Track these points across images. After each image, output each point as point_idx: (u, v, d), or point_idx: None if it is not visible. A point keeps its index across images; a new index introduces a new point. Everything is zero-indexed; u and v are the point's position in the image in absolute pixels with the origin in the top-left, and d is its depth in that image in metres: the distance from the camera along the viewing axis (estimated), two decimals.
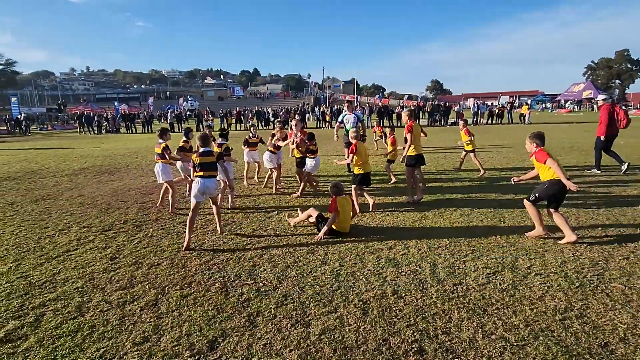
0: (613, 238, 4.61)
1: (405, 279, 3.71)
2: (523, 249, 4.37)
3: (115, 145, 18.34)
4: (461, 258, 4.16)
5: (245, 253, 4.47)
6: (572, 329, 2.85)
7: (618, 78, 71.75)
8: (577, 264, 3.94)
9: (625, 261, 3.96)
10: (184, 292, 3.56)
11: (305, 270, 3.98)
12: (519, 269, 3.86)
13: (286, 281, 3.74)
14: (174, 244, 4.78)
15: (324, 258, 4.27)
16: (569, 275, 3.70)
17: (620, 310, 3.08)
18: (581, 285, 3.49)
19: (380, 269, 3.94)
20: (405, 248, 4.48)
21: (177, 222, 5.67)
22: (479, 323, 2.96)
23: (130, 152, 14.98)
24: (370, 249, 4.48)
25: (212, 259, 4.33)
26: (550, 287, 3.48)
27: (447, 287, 3.53)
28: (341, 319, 3.07)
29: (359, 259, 4.21)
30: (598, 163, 8.73)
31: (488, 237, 4.74)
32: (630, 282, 3.52)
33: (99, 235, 5.18)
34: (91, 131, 29.62)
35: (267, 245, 4.71)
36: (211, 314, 3.19)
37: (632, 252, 4.17)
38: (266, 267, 4.07)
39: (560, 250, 4.30)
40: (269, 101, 77.95)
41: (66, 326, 3.06)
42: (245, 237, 4.99)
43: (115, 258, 4.40)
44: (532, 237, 4.67)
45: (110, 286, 3.72)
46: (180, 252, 4.53)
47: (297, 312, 3.19)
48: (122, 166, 11.41)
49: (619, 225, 5.05)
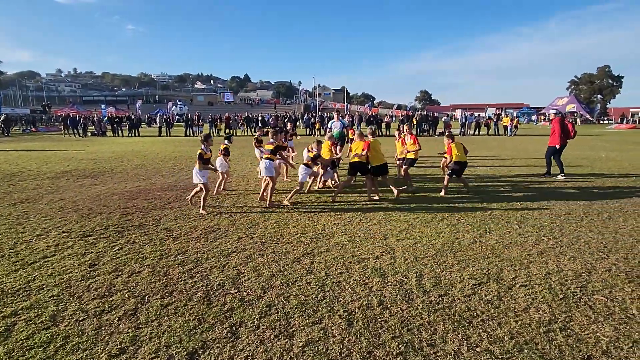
0: (595, 250, 4.67)
1: (391, 290, 3.67)
2: (508, 259, 4.39)
3: (100, 149, 18.00)
4: (447, 268, 4.15)
5: (230, 261, 4.38)
6: (556, 342, 2.85)
7: (600, 93, 73.89)
8: (561, 275, 3.97)
9: (607, 273, 4.01)
10: (164, 301, 3.45)
11: (290, 279, 3.92)
12: (504, 280, 3.87)
13: (271, 290, 3.67)
14: (156, 251, 4.67)
15: (310, 267, 4.21)
16: (553, 287, 3.72)
17: (603, 322, 3.10)
18: (565, 297, 3.51)
19: (366, 279, 3.90)
20: (392, 258, 4.46)
21: (160, 229, 5.55)
22: (464, 335, 2.93)
23: (115, 156, 14.71)
24: (356, 259, 4.44)
25: (195, 266, 4.23)
26: (535, 298, 3.49)
27: (432, 298, 3.51)
28: (325, 330, 3.01)
29: (345, 269, 4.16)
30: (561, 167, 9.86)
31: (474, 248, 4.76)
32: (612, 295, 3.56)
33: (78, 241, 5.03)
34: (76, 134, 29.04)
35: (252, 253, 4.63)
36: (192, 324, 3.10)
37: (614, 265, 4.22)
38: (251, 276, 3.99)
39: (545, 261, 4.33)
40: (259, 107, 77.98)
41: (38, 337, 2.92)
42: (230, 245, 4.90)
43: (94, 265, 4.27)
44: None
45: (87, 294, 3.59)
46: (162, 260, 4.42)
47: (280, 322, 3.12)
48: (107, 170, 11.18)
49: (601, 236, 5.13)
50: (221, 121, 30.80)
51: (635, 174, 10.05)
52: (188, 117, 31.92)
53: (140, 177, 9.86)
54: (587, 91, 73.91)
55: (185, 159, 13.82)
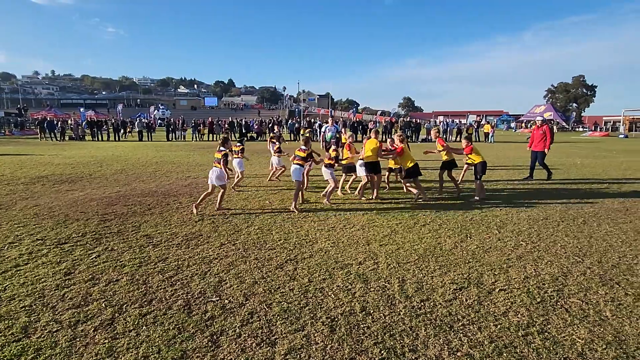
0: (571, 254, 4.80)
1: (374, 295, 3.69)
2: (488, 264, 4.47)
3: (78, 153, 17.52)
4: (429, 273, 4.20)
5: (212, 268, 4.31)
6: (534, 345, 2.91)
7: (575, 102, 76.55)
8: (539, 279, 4.07)
9: (582, 277, 4.13)
10: (143, 310, 3.37)
11: (273, 286, 3.88)
12: (484, 285, 3.93)
13: (253, 298, 3.63)
14: (135, 259, 4.55)
15: (293, 274, 4.19)
16: (531, 290, 3.80)
17: (579, 325, 3.19)
18: (542, 301, 3.60)
19: (349, 285, 3.91)
20: (375, 263, 4.48)
21: (140, 235, 5.42)
22: (445, 340, 2.96)
23: (94, 161, 14.34)
24: (340, 265, 4.44)
25: (176, 274, 4.15)
26: (514, 302, 3.57)
27: (415, 303, 3.54)
28: (308, 338, 2.99)
29: (329, 275, 4.16)
30: (549, 172, 10.57)
31: (455, 253, 4.83)
32: (587, 298, 3.67)
33: (53, 249, 4.86)
34: (53, 137, 28.21)
35: (234, 259, 4.57)
36: (171, 333, 3.03)
37: (589, 268, 4.36)
38: (233, 283, 3.93)
39: (523, 266, 4.43)
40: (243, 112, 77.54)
41: (8, 349, 2.80)
42: (212, 252, 4.83)
43: (70, 273, 4.13)
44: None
45: (62, 304, 3.47)
46: (141, 267, 4.31)
47: (263, 330, 3.09)
48: (85, 175, 10.88)
49: (577, 241, 5.28)
50: (204, 126, 30.43)
51: (609, 180, 10.43)
52: (170, 122, 31.44)
53: (120, 183, 9.64)
54: (563, 100, 76.45)
55: (167, 164, 13.59)
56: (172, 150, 19.57)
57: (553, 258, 4.68)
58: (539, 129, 10.85)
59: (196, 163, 13.83)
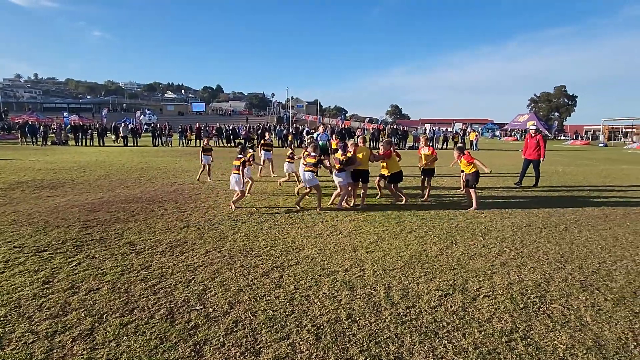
0: (553, 260, 4.89)
1: (360, 302, 3.68)
2: (473, 270, 4.52)
3: (61, 158, 17.14)
4: (415, 280, 4.22)
5: (196, 276, 4.25)
6: (517, 351, 2.94)
7: (557, 111, 78.65)
8: (522, 285, 4.12)
9: (564, 283, 4.21)
10: (124, 320, 3.29)
11: (258, 294, 3.84)
12: (469, 291, 3.97)
13: (238, 306, 3.58)
14: (117, 266, 4.45)
15: (279, 281, 4.16)
16: (514, 296, 3.85)
17: (560, 330, 3.24)
18: (525, 307, 3.65)
19: (335, 292, 3.89)
20: (361, 270, 4.48)
21: (123, 243, 5.31)
22: (430, 347, 2.97)
23: (77, 166, 14.04)
24: (326, 272, 4.42)
25: (159, 282, 4.07)
26: (498, 308, 3.60)
27: (400, 310, 3.55)
28: (293, 346, 2.96)
29: (315, 282, 4.14)
30: (537, 180, 10.84)
31: (441, 260, 4.87)
32: (569, 303, 3.73)
33: (31, 257, 4.72)
34: (35, 142, 27.55)
35: (220, 267, 4.51)
36: (153, 343, 2.96)
37: (570, 274, 4.44)
38: (217, 291, 3.88)
39: (507, 272, 4.49)
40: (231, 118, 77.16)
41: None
42: (197, 259, 4.76)
43: (48, 282, 4.01)
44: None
45: (39, 314, 3.36)
46: (123, 276, 4.22)
47: (247, 339, 3.04)
48: (67, 181, 10.63)
49: (559, 247, 5.39)
50: (191, 131, 30.18)
51: (589, 188, 10.69)
52: (156, 127, 31.09)
53: (103, 189, 9.45)
54: (545, 109, 78.44)
55: (152, 169, 13.40)
56: (158, 155, 19.32)
57: (536, 264, 4.75)
58: (532, 138, 11.04)
59: (182, 169, 13.67)
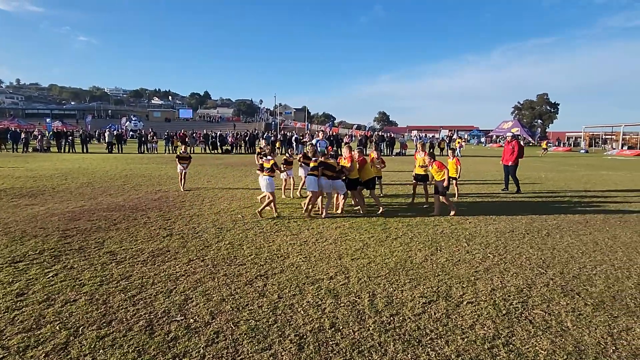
0: (535, 265, 4.96)
1: (344, 311, 3.65)
2: (457, 277, 4.54)
3: (42, 165, 16.73)
4: (399, 287, 4.21)
5: (178, 286, 4.16)
6: (499, 358, 2.95)
7: (540, 118, 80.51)
8: (505, 291, 4.16)
9: (545, 288, 4.26)
10: (101, 333, 3.19)
11: (241, 303, 3.78)
12: (452, 298, 3.98)
13: (220, 316, 3.51)
14: (96, 277, 4.33)
15: (263, 290, 4.10)
16: (497, 302, 3.88)
17: (542, 336, 3.26)
18: (508, 313, 3.67)
19: (319, 301, 3.86)
20: (346, 278, 4.46)
21: (103, 252, 5.18)
22: (413, 355, 2.96)
23: (59, 173, 13.72)
24: (311, 280, 4.39)
25: (139, 292, 3.97)
26: (480, 315, 3.62)
27: (384, 318, 3.53)
28: (275, 357, 2.91)
29: (299, 290, 4.09)
30: (518, 187, 10.86)
31: (425, 266, 4.88)
32: (550, 309, 3.77)
33: (6, 268, 4.56)
34: (15, 149, 26.88)
35: (202, 276, 4.43)
36: (131, 356, 2.87)
37: (552, 279, 4.50)
38: (199, 301, 3.80)
39: (490, 278, 4.52)
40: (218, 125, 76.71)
41: None
42: (180, 268, 4.67)
43: (22, 294, 3.87)
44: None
45: (11, 328, 3.23)
46: (102, 286, 4.10)
47: (228, 350, 2.98)
48: (48, 189, 10.36)
49: (541, 252, 5.46)
50: (177, 138, 29.90)
51: (570, 193, 10.92)
52: (142, 134, 30.71)
53: (85, 197, 9.24)
54: (529, 116, 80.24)
55: (137, 176, 13.18)
56: (142, 162, 19.04)
57: (519, 270, 4.80)
58: (509, 144, 11.40)
59: (167, 176, 13.49)
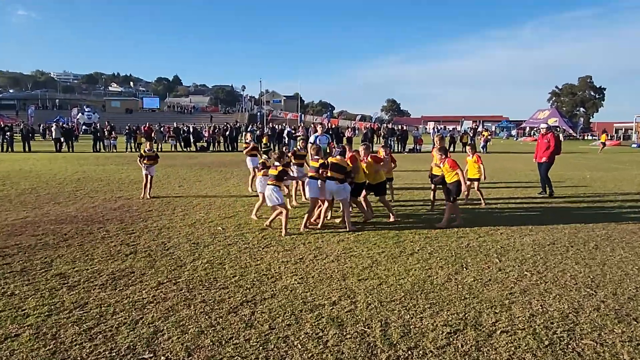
0: (582, 285, 4.97)
1: (351, 344, 3.64)
2: (488, 300, 4.54)
3: None
4: (417, 314, 4.21)
5: (145, 315, 4.13)
6: None
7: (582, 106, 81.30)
8: (546, 317, 4.16)
9: (595, 312, 4.27)
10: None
11: (224, 336, 3.76)
12: (483, 326, 3.98)
13: (198, 352, 3.49)
14: (43, 305, 4.30)
15: (250, 319, 4.08)
16: (537, 331, 3.88)
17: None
18: (551, 344, 3.67)
19: (320, 332, 3.84)
20: (352, 303, 4.45)
21: (51, 275, 5.14)
22: None
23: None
24: (309, 306, 4.38)
25: (97, 324, 3.93)
26: (518, 347, 3.61)
27: (400, 352, 3.52)
28: None
29: (295, 319, 4.08)
30: (551, 189, 11.07)
31: (448, 288, 4.88)
32: (602, 338, 3.78)
33: None
34: None
35: (175, 303, 4.41)
36: None
37: (603, 302, 4.51)
38: (172, 334, 3.77)
39: (528, 301, 4.53)
40: (192, 116, 76.76)
41: None
42: (147, 294, 4.64)
43: None
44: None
45: None
46: (51, 317, 4.07)
47: None
48: None
49: (588, 269, 5.49)
50: (141, 133, 29.81)
51: (622, 197, 11.00)
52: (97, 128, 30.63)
53: (28, 206, 9.19)
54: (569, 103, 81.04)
55: (91, 181, 13.14)
56: (99, 163, 19.00)
57: (562, 291, 4.82)
58: (543, 137, 11.45)
59: (130, 180, 13.45)
